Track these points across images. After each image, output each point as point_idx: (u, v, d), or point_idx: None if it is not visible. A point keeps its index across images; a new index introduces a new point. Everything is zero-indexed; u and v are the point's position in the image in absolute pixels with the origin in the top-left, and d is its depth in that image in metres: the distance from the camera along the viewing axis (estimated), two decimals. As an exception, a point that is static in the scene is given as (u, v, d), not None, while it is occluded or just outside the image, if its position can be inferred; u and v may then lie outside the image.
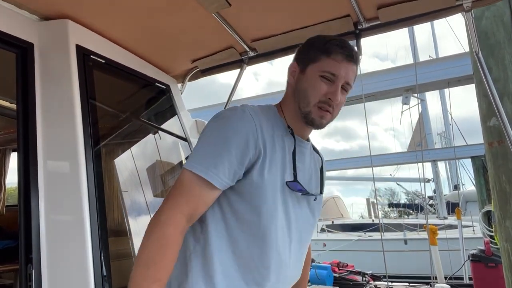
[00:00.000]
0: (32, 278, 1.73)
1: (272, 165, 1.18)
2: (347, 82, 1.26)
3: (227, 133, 1.14)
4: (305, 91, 1.25)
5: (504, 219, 3.35)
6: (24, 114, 1.88)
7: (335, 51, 1.23)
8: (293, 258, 1.27)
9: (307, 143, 1.36)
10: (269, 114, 1.28)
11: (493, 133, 3.48)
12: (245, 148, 1.14)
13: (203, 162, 1.12)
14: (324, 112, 1.24)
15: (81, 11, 2.01)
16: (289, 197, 1.24)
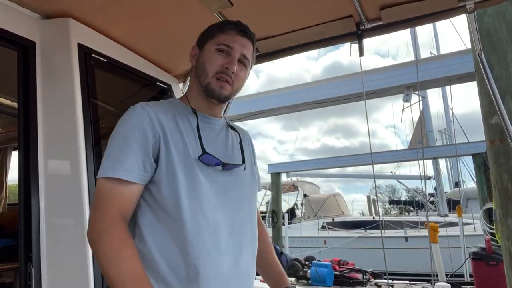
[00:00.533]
0: (31, 276, 1.73)
1: (178, 146, 1.22)
2: (244, 55, 1.34)
3: (124, 132, 1.19)
4: (203, 64, 1.32)
5: (506, 218, 3.34)
6: (25, 113, 1.89)
7: (229, 27, 1.35)
8: (230, 230, 1.25)
9: (217, 120, 1.40)
10: (169, 104, 1.34)
11: (495, 131, 3.47)
12: (144, 138, 1.18)
13: (109, 164, 1.15)
14: (223, 83, 1.29)
15: (83, 10, 2.00)
16: (209, 174, 1.24)
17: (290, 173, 17.40)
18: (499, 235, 3.58)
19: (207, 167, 1.24)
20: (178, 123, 1.26)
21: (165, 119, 1.24)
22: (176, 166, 1.19)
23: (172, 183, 1.18)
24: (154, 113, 1.22)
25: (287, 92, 9.24)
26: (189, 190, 1.19)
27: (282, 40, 2.33)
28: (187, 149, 1.23)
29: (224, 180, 1.29)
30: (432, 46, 24.19)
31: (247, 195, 1.38)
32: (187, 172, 1.20)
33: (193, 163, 1.22)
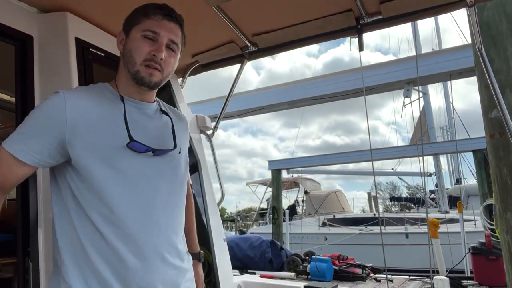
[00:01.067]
0: (29, 271, 1.73)
1: (101, 134, 1.22)
2: (171, 40, 1.30)
3: (38, 114, 1.22)
4: (130, 52, 1.28)
5: (505, 211, 3.34)
6: (23, 107, 1.88)
7: (154, 11, 1.29)
8: (161, 213, 1.29)
9: (148, 104, 1.38)
10: (96, 89, 1.32)
11: (494, 125, 3.46)
12: (54, 126, 1.19)
13: (15, 139, 1.20)
14: (152, 70, 1.27)
15: (80, 4, 1.99)
16: (140, 160, 1.26)
17: (291, 170, 17.40)
18: (499, 230, 3.58)
19: (137, 154, 1.25)
20: (104, 110, 1.26)
21: (87, 107, 1.23)
22: (96, 154, 1.20)
23: (92, 172, 1.20)
24: (73, 102, 1.21)
25: (287, 87, 9.23)
26: (114, 178, 1.21)
27: (282, 35, 2.31)
28: (112, 137, 1.23)
29: (154, 165, 1.30)
30: (433, 42, 24.10)
31: (181, 177, 1.41)
32: (110, 159, 1.21)
33: (119, 150, 1.22)
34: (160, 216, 1.28)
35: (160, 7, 1.31)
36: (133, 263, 1.20)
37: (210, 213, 2.67)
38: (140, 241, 1.21)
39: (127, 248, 1.20)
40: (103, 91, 1.32)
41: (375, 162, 16.50)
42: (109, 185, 1.20)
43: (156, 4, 1.31)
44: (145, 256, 1.21)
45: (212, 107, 7.80)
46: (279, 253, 8.12)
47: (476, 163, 11.89)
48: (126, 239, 1.20)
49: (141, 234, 1.22)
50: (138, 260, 1.20)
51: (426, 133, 19.32)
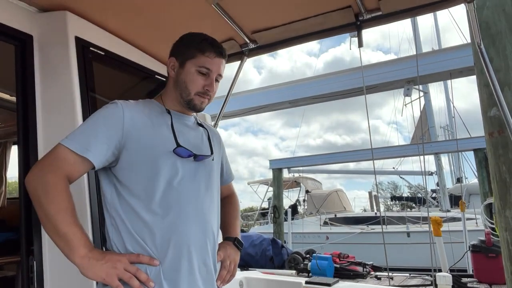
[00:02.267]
0: (33, 269, 1.74)
1: (150, 140, 1.40)
2: (219, 74, 1.53)
3: (100, 118, 1.38)
4: (185, 83, 1.49)
5: (504, 209, 3.35)
6: (24, 107, 1.88)
7: (209, 49, 1.49)
8: (200, 209, 1.45)
9: (189, 117, 1.60)
10: (145, 103, 1.52)
11: (493, 123, 3.47)
12: (114, 129, 1.35)
13: (78, 139, 1.32)
14: (203, 99, 1.52)
15: (80, 3, 2.00)
16: (182, 163, 1.43)
17: (292, 169, 17.41)
18: (498, 227, 3.59)
19: (181, 158, 1.43)
20: (152, 121, 1.44)
21: (138, 117, 1.41)
22: (147, 156, 1.37)
23: (141, 171, 1.36)
24: (129, 112, 1.40)
25: (288, 86, 9.24)
26: (160, 178, 1.37)
27: (281, 31, 2.32)
28: (162, 142, 1.41)
29: (194, 167, 1.48)
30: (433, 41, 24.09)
31: (215, 180, 1.59)
32: (159, 162, 1.38)
33: (167, 154, 1.40)
34: (199, 214, 1.45)
35: (213, 45, 1.50)
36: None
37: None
38: (180, 233, 1.38)
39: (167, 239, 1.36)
40: (151, 105, 1.53)
41: (376, 161, 16.50)
42: (156, 184, 1.37)
43: (210, 41, 1.51)
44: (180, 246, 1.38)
45: (212, 106, 7.79)
46: (280, 251, 8.13)
47: (477, 162, 11.90)
48: (166, 231, 1.36)
49: (181, 228, 1.39)
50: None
51: (427, 132, 19.32)
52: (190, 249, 1.39)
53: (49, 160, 1.29)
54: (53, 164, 1.28)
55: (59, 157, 1.29)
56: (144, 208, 1.35)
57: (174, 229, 1.37)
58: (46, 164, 1.29)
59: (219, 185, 1.65)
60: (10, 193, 5.39)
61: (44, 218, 1.22)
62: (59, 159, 1.29)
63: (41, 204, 1.22)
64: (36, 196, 1.24)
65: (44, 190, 1.23)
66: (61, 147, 1.30)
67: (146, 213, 1.35)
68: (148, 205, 1.35)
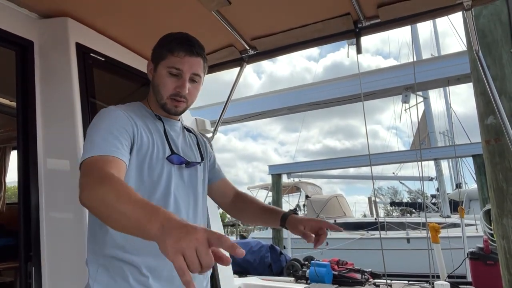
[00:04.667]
0: (32, 275, 1.73)
1: (148, 145, 1.34)
2: (194, 74, 1.40)
3: (103, 125, 1.26)
4: (158, 87, 1.42)
5: (501, 217, 3.36)
6: (24, 112, 1.89)
7: (177, 48, 1.38)
8: (191, 214, 1.44)
9: (176, 122, 1.55)
10: (136, 108, 1.44)
11: (490, 131, 3.49)
12: (124, 128, 1.27)
13: (96, 146, 1.20)
14: (177, 102, 1.41)
15: (80, 9, 2.01)
16: (174, 170, 1.40)
17: (291, 174, 17.40)
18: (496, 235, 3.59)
19: (172, 165, 1.40)
20: (148, 126, 1.40)
21: (138, 120, 1.36)
22: (144, 162, 1.32)
23: (133, 177, 1.30)
24: (127, 113, 1.34)
25: (287, 93, 9.27)
26: (153, 185, 1.33)
27: (280, 38, 2.33)
28: (155, 149, 1.36)
29: (185, 174, 1.45)
30: (432, 48, 24.18)
31: (204, 188, 1.58)
32: (153, 168, 1.34)
33: (160, 161, 1.36)
34: (189, 221, 1.36)
35: (182, 43, 1.40)
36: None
37: (210, 217, 2.68)
38: None
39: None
40: (140, 109, 1.46)
41: (375, 166, 16.52)
42: (149, 191, 1.32)
43: (179, 40, 1.41)
44: None
45: (212, 112, 7.82)
46: (279, 258, 8.12)
47: (476, 168, 11.90)
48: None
49: None
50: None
51: (427, 138, 19.32)
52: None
53: (84, 175, 1.13)
54: (90, 174, 1.11)
55: (90, 166, 1.14)
56: None
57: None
58: (84, 182, 1.10)
59: (206, 190, 1.62)
60: (9, 198, 5.38)
61: (118, 221, 0.98)
62: (93, 167, 1.13)
63: (108, 212, 0.99)
64: (98, 212, 1.03)
65: (100, 201, 1.01)
66: (85, 161, 1.16)
67: None
68: None
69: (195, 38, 1.46)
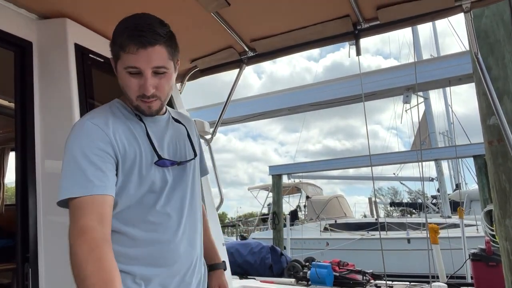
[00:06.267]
0: (29, 277, 1.73)
1: (135, 154, 1.25)
2: (156, 67, 1.23)
3: (83, 145, 1.17)
4: (124, 89, 1.28)
5: (504, 218, 3.34)
6: (22, 113, 1.89)
7: (127, 43, 1.21)
8: (187, 230, 1.37)
9: (161, 117, 1.41)
10: (115, 109, 1.32)
11: (492, 132, 3.48)
12: (102, 152, 1.18)
13: (76, 183, 1.13)
14: (148, 103, 1.27)
15: (79, 10, 2.01)
16: (165, 172, 1.32)
17: (292, 175, 17.40)
18: (498, 236, 3.58)
19: (163, 168, 1.32)
20: (132, 130, 1.28)
21: (120, 129, 1.25)
22: (132, 174, 1.24)
23: (130, 190, 1.24)
24: (105, 125, 1.22)
25: (287, 93, 9.26)
26: (149, 194, 1.27)
27: (280, 40, 2.33)
28: (143, 157, 1.27)
29: (179, 175, 1.37)
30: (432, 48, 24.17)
31: (197, 182, 1.49)
32: (143, 177, 1.26)
33: (148, 167, 1.27)
34: (187, 222, 1.37)
35: (131, 36, 1.21)
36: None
37: (209, 218, 2.67)
38: (171, 244, 1.30)
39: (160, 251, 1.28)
40: (120, 109, 1.33)
41: (375, 167, 16.51)
42: (146, 201, 1.27)
43: (129, 32, 1.23)
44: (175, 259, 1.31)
45: (212, 113, 7.81)
46: (279, 259, 8.09)
47: (477, 169, 11.88)
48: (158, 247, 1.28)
49: (172, 239, 1.31)
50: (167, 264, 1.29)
51: (427, 138, 19.32)
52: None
53: (72, 227, 1.09)
54: (75, 228, 1.08)
55: (74, 213, 1.10)
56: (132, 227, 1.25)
57: (163, 245, 1.30)
58: (72, 235, 1.07)
59: (199, 182, 1.54)
60: (9, 199, 5.37)
61: None
62: (75, 216, 1.09)
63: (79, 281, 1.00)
64: (74, 274, 1.02)
65: (82, 275, 1.00)
66: (72, 203, 1.11)
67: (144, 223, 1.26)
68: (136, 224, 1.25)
69: (151, 19, 1.30)
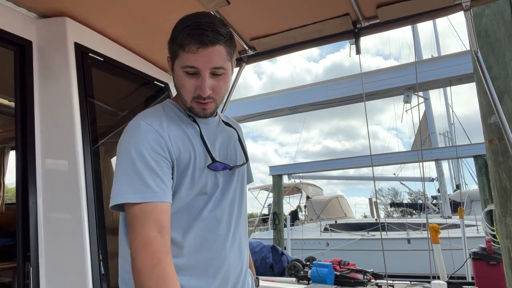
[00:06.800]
0: (30, 275, 1.73)
1: (189, 156, 1.23)
2: (214, 68, 1.19)
3: (140, 148, 1.15)
4: (179, 89, 1.26)
5: (505, 216, 3.35)
6: (22, 112, 1.88)
7: (187, 42, 1.17)
8: (236, 237, 1.35)
9: (212, 119, 1.38)
10: (169, 110, 1.31)
11: (493, 131, 3.49)
12: (159, 156, 1.16)
13: (133, 189, 1.11)
14: (204, 105, 1.25)
15: (79, 9, 2.00)
16: (216, 176, 1.30)
17: (292, 175, 17.41)
18: (498, 234, 3.58)
19: (214, 172, 1.29)
20: (186, 132, 1.26)
21: (174, 131, 1.23)
22: (186, 177, 1.22)
23: (182, 193, 1.22)
24: (160, 127, 1.20)
25: (288, 93, 9.26)
26: (201, 197, 1.26)
27: (279, 38, 2.33)
28: (197, 160, 1.25)
29: (227, 178, 1.34)
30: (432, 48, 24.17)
31: (245, 188, 1.46)
32: (196, 180, 1.24)
33: (202, 170, 1.25)
34: (236, 229, 1.35)
35: (192, 34, 1.17)
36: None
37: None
38: (221, 252, 1.28)
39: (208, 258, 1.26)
40: (173, 110, 1.32)
41: (375, 167, 16.50)
42: (195, 205, 1.25)
43: (189, 30, 1.18)
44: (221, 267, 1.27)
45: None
46: (280, 258, 8.11)
47: (477, 169, 11.88)
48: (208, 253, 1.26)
49: (222, 247, 1.29)
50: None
51: (428, 138, 19.31)
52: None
53: (134, 237, 1.08)
54: (137, 238, 1.07)
55: (134, 221, 1.09)
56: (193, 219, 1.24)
57: (214, 251, 1.28)
58: (134, 246, 1.07)
59: (246, 188, 1.53)
60: (9, 199, 5.38)
61: None
62: (135, 224, 1.09)
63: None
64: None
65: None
66: (131, 210, 1.10)
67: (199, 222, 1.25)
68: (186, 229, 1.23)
69: (212, 18, 1.22)
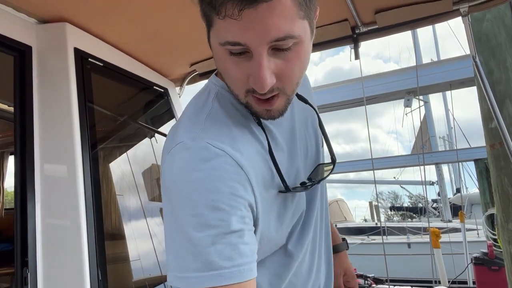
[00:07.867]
0: (27, 281, 1.72)
1: (264, 192, 0.82)
2: (276, 39, 0.66)
3: (212, 209, 0.69)
4: (224, 77, 0.80)
5: (507, 222, 3.34)
6: (22, 117, 1.88)
7: (223, 3, 0.65)
8: (321, 256, 1.12)
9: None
10: (230, 108, 0.86)
11: (494, 135, 3.47)
12: (244, 205, 0.74)
13: (205, 265, 0.67)
14: (266, 104, 0.76)
15: (79, 14, 2.01)
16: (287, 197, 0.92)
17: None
18: (501, 240, 3.57)
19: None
20: (258, 148, 0.83)
21: (250, 151, 0.80)
22: (268, 214, 0.84)
23: (265, 232, 0.84)
24: (237, 152, 0.76)
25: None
26: (276, 224, 0.88)
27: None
28: (271, 187, 0.85)
29: (310, 198, 1.04)
30: (432, 52, 24.24)
31: (326, 191, 1.19)
32: (275, 213, 0.88)
33: (277, 196, 0.87)
34: (322, 245, 1.12)
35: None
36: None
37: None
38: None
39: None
40: (234, 105, 0.86)
41: (376, 171, 16.48)
42: (277, 235, 0.90)
43: None
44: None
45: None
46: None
47: (478, 173, 11.85)
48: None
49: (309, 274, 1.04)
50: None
51: (428, 142, 19.31)
52: None
53: None
54: None
55: None
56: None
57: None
58: None
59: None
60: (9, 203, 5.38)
61: None
62: None
63: None
64: None
65: None
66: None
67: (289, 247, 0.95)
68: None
69: None
